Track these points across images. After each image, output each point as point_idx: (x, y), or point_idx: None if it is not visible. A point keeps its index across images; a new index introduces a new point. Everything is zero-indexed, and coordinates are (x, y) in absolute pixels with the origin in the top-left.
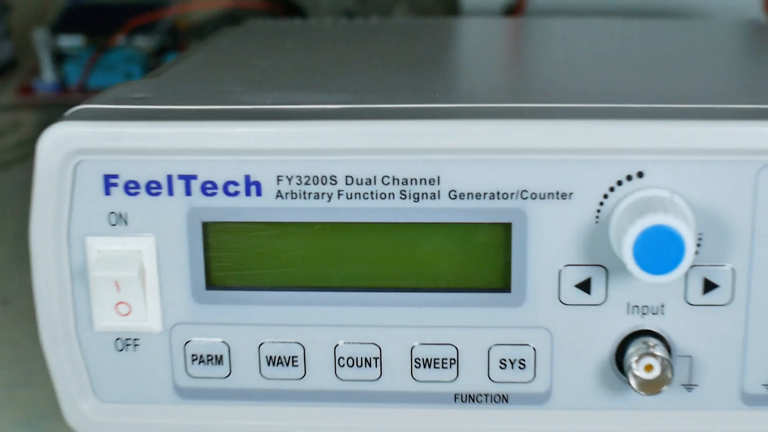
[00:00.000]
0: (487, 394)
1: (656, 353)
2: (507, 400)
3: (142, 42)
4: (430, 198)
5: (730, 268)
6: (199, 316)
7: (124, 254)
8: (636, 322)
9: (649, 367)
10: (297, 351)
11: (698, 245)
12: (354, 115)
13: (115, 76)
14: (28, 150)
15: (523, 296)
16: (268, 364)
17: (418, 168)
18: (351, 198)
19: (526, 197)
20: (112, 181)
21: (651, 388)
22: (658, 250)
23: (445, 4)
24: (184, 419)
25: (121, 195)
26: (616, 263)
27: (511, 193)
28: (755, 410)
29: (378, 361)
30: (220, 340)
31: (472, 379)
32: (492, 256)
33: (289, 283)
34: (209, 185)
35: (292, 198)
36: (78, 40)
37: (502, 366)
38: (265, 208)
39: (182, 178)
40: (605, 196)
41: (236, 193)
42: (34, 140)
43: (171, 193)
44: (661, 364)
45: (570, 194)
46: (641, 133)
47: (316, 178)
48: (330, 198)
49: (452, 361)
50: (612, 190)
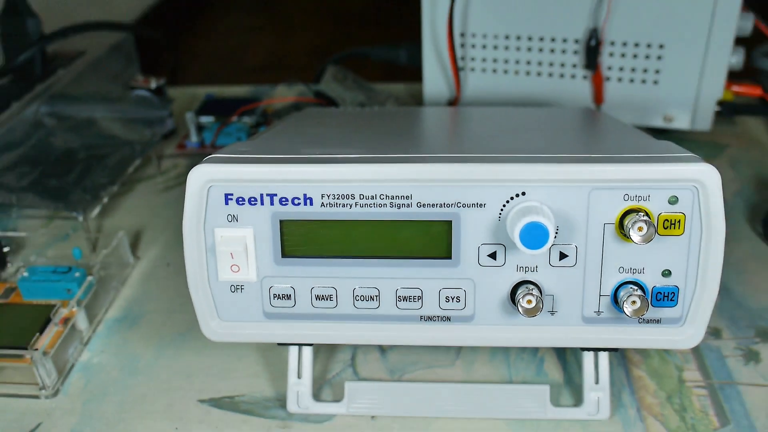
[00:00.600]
0: (438, 316)
1: (533, 293)
2: (450, 320)
3: (247, 120)
4: (406, 207)
5: (574, 246)
6: (278, 273)
7: (235, 238)
8: (522, 276)
9: (529, 301)
10: (332, 292)
11: (556, 234)
12: (364, 160)
13: (231, 139)
14: (182, 180)
15: (459, 261)
16: (316, 299)
17: (399, 189)
18: (362, 207)
19: (461, 206)
20: (229, 197)
21: (531, 313)
22: (534, 235)
23: (416, 99)
24: (269, 330)
25: (234, 205)
26: (510, 243)
27: (452, 204)
28: (590, 326)
29: (378, 297)
30: (289, 285)
31: (430, 308)
32: (442, 239)
33: (327, 254)
34: (284, 199)
35: (329, 207)
36: (211, 118)
37: (447, 300)
38: (314, 212)
39: (269, 196)
40: (504, 205)
41: (299, 204)
42: (185, 174)
43: (262, 204)
44: (536, 299)
45: (484, 204)
46: (524, 170)
47: (342, 195)
48: (351, 207)
49: (419, 298)
50: (508, 202)
